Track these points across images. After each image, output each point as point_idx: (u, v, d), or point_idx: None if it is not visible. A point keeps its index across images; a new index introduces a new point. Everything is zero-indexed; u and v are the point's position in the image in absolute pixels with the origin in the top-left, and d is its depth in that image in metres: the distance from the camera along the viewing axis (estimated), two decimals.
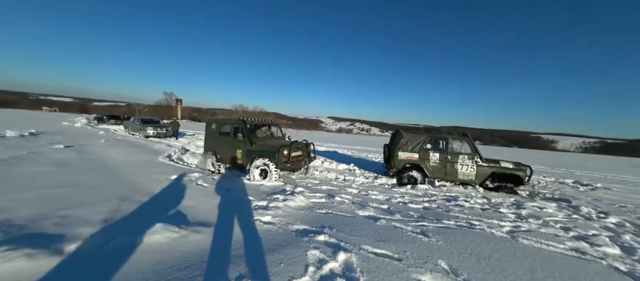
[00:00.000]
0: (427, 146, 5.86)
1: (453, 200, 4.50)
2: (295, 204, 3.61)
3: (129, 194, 3.55)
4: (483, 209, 4.06)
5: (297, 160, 5.42)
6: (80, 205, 3.00)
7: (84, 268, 1.83)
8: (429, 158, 5.73)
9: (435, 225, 3.08)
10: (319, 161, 8.19)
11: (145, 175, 4.84)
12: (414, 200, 4.35)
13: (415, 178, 5.82)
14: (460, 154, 5.53)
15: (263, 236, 2.50)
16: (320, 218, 3.15)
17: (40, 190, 3.45)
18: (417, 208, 3.87)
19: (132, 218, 2.75)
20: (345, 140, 27.77)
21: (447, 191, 5.23)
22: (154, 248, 2.16)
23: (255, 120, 6.24)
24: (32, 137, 9.13)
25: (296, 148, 5.39)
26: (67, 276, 1.74)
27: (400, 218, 3.30)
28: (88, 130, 14.60)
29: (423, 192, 5.03)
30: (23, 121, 16.73)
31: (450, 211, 3.79)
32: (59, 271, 1.77)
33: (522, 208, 4.16)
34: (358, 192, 4.88)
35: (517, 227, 3.28)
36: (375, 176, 6.67)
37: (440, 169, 5.65)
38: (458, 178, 5.52)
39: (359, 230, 2.80)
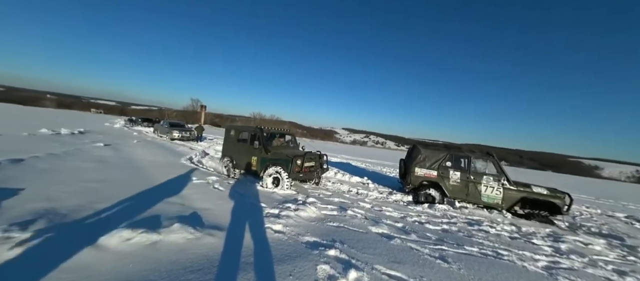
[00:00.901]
0: (447, 164, 5.55)
1: (476, 224, 4.14)
2: (307, 215, 3.58)
3: (154, 193, 3.80)
4: (512, 237, 3.66)
5: (309, 170, 5.41)
6: (111, 200, 3.27)
7: (111, 260, 1.96)
8: (448, 177, 5.41)
9: (456, 251, 2.83)
10: (332, 172, 8.12)
11: (169, 175, 5.18)
12: (431, 221, 4.08)
13: (433, 196, 5.49)
14: (485, 175, 5.13)
15: (273, 246, 2.50)
16: (331, 232, 3.07)
17: (81, 183, 3.85)
18: (435, 230, 3.62)
19: (155, 216, 2.92)
20: (359, 152, 27.38)
21: (469, 213, 4.84)
22: (171, 247, 2.26)
23: (272, 128, 6.39)
24: (80, 135, 10.35)
25: (309, 158, 5.40)
26: (98, 266, 1.87)
27: (417, 239, 3.10)
28: (124, 131, 16.16)
29: (442, 213, 4.70)
30: (75, 121, 19.05)
31: (473, 236, 3.48)
32: (91, 260, 1.92)
33: (561, 242, 3.67)
34: (371, 206, 4.72)
35: (556, 263, 2.89)
36: (389, 191, 6.42)
37: (461, 189, 5.27)
38: (481, 201, 5.09)
39: (371, 247, 2.68)
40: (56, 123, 13.84)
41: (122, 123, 22.58)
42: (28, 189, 3.29)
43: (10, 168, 4.16)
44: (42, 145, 6.87)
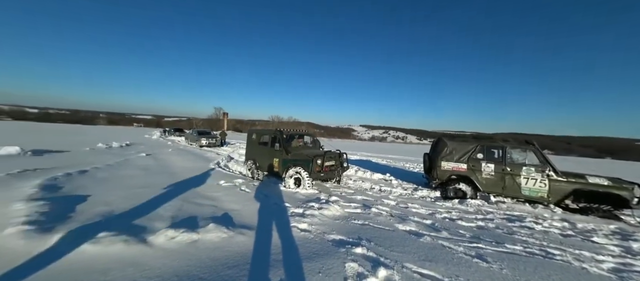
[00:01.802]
0: (478, 156, 5.11)
1: (517, 220, 3.74)
2: (331, 213, 3.61)
3: (188, 196, 4.18)
4: (564, 235, 3.23)
5: (330, 169, 5.46)
6: (155, 203, 3.68)
7: (161, 256, 2.22)
8: (480, 170, 4.97)
9: (496, 249, 2.60)
10: (353, 170, 8.04)
11: (200, 179, 5.64)
12: (464, 217, 3.80)
13: (464, 191, 5.10)
14: (524, 166, 4.61)
15: (300, 244, 2.57)
16: (356, 230, 3.05)
17: (130, 189, 4.40)
18: (468, 227, 3.36)
19: (192, 216, 3.22)
20: (379, 148, 26.59)
21: (507, 209, 4.40)
22: (208, 245, 2.47)
23: (291, 130, 6.52)
24: (127, 147, 11.82)
25: (329, 158, 5.44)
26: (151, 261, 2.13)
27: (449, 237, 2.92)
28: (160, 141, 17.99)
29: (475, 208, 4.35)
30: (122, 135, 21.78)
31: (514, 233, 3.16)
32: (144, 256, 2.19)
33: (633, 241, 3.12)
34: (396, 203, 4.57)
35: (628, 266, 2.46)
36: (414, 187, 6.14)
37: (496, 182, 4.81)
38: (522, 194, 4.58)
39: (399, 245, 2.60)
40: (108, 138, 15.98)
41: (158, 134, 25.15)
42: (93, 195, 3.87)
43: (79, 178, 4.93)
44: (99, 157, 8.00)
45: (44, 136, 15.33)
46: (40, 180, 4.49)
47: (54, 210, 3.10)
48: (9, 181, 4.38)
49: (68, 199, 3.62)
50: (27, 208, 3.04)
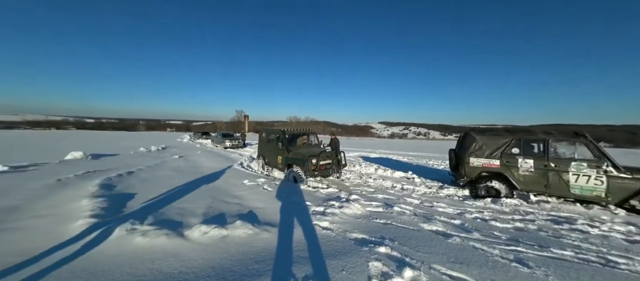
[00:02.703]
0: (513, 150, 4.63)
1: (566, 222, 3.31)
2: (352, 212, 3.60)
3: (216, 194, 4.50)
4: (631, 241, 2.78)
5: (325, 168, 5.64)
6: (189, 201, 4.05)
7: (197, 249, 2.43)
8: (517, 166, 4.50)
9: (539, 253, 2.34)
10: (372, 168, 7.88)
11: (226, 179, 6.03)
12: (498, 218, 3.48)
13: (497, 190, 4.67)
14: (573, 161, 4.05)
15: (322, 242, 2.61)
16: (379, 229, 3.00)
17: (167, 188, 4.89)
18: (504, 228, 3.08)
19: (221, 213, 3.46)
20: (399, 145, 25.57)
21: (552, 209, 3.92)
22: (237, 240, 2.64)
23: (294, 130, 6.93)
24: (162, 150, 13.14)
25: (325, 157, 5.68)
26: (188, 253, 2.36)
27: (481, 238, 2.71)
28: (190, 144, 19.61)
29: (512, 208, 3.96)
30: (158, 139, 24.24)
31: (562, 237, 2.80)
32: (183, 249, 2.43)
33: None
34: (420, 202, 4.37)
35: None
36: (439, 185, 5.80)
37: (536, 180, 4.31)
38: (571, 194, 4.03)
39: (425, 245, 2.49)
40: (147, 142, 17.94)
41: (188, 138, 27.42)
42: (139, 193, 4.40)
43: (127, 179, 5.64)
44: (141, 159, 9.03)
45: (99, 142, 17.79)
46: (98, 180, 5.24)
47: (110, 206, 3.60)
48: (77, 181, 5.21)
49: (120, 196, 4.17)
50: (91, 204, 3.59)
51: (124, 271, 1.99)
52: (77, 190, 4.50)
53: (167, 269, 2.04)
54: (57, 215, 3.28)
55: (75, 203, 3.72)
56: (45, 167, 6.90)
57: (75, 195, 4.18)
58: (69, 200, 3.89)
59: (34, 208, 3.56)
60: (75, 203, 3.69)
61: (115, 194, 4.31)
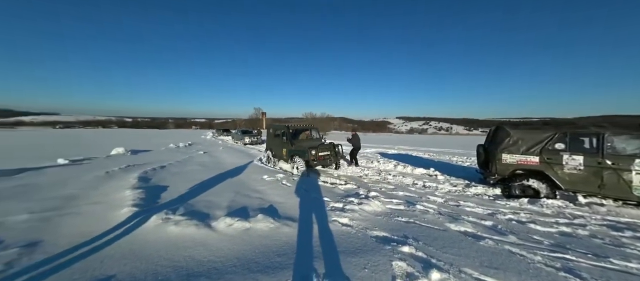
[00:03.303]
0: (557, 146, 4.11)
1: (628, 229, 2.87)
2: (371, 209, 3.53)
3: (239, 189, 4.72)
4: None
5: (324, 158, 6.34)
6: (214, 194, 4.30)
7: (223, 240, 2.58)
8: (561, 163, 4.00)
9: (595, 264, 2.06)
10: (391, 165, 7.63)
11: (247, 174, 6.30)
12: (537, 220, 3.15)
13: (535, 189, 4.23)
14: (637, 157, 3.47)
15: (342, 238, 2.60)
16: (401, 227, 2.90)
17: (195, 182, 5.25)
18: (546, 232, 2.77)
19: (243, 207, 3.63)
20: (419, 141, 24.42)
21: (608, 213, 3.43)
22: (259, 232, 2.74)
23: (297, 126, 7.70)
24: (189, 146, 14.16)
25: (323, 149, 6.39)
26: (215, 242, 2.51)
27: (519, 242, 2.47)
28: (213, 140, 20.84)
29: (555, 211, 3.55)
30: (185, 136, 26.21)
31: (624, 246, 2.43)
32: (210, 239, 2.60)
33: None
34: (444, 201, 4.13)
35: None
36: (466, 183, 5.42)
37: (586, 179, 3.79)
38: (634, 195, 3.47)
39: (453, 247, 2.35)
40: (176, 139, 19.48)
41: (211, 135, 29.17)
42: (170, 186, 4.80)
43: (161, 172, 6.18)
44: (171, 155, 9.83)
45: (136, 139, 19.76)
46: (137, 173, 5.83)
47: (148, 197, 3.98)
48: (121, 174, 5.85)
49: (156, 188, 4.59)
50: (132, 194, 4.00)
51: (162, 256, 2.18)
52: (121, 181, 5.06)
53: (198, 257, 2.20)
54: (107, 202, 3.72)
55: (120, 193, 4.18)
56: (96, 161, 7.87)
57: (119, 186, 4.71)
58: (115, 190, 4.39)
59: (89, 196, 4.08)
60: (120, 193, 4.16)
61: (151, 186, 4.74)
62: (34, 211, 3.29)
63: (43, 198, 3.88)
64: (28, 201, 3.76)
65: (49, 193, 4.21)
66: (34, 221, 2.95)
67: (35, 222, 2.93)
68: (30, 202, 3.72)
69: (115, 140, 17.55)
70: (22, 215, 3.13)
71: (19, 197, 3.93)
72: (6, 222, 2.89)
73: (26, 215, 3.15)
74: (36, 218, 3.07)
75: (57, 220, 3.03)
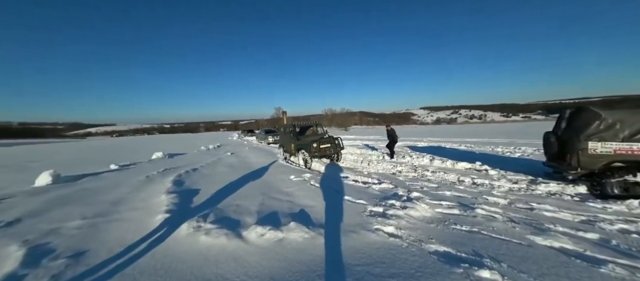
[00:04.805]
0: None
1: None
2: (419, 214, 2.96)
3: (267, 191, 4.52)
4: None
5: (325, 150, 6.97)
6: (242, 197, 4.15)
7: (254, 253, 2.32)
8: None
9: None
10: (427, 159, 6.79)
11: (273, 174, 6.14)
12: None
13: None
14: None
15: (393, 254, 2.12)
16: (464, 239, 2.30)
17: (224, 184, 5.23)
18: None
19: (273, 212, 3.35)
20: (449, 132, 22.21)
21: None
22: (293, 244, 2.40)
23: (303, 123, 9.06)
24: (217, 148, 14.88)
25: (324, 142, 7.05)
26: (247, 256, 2.25)
27: None
28: (239, 141, 21.78)
29: None
30: (214, 139, 27.95)
31: None
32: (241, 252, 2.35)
33: None
34: (508, 203, 3.35)
35: None
36: (530, 180, 4.45)
37: None
38: None
39: (559, 275, 1.69)
40: (206, 142, 20.81)
41: (236, 136, 30.67)
42: (202, 189, 4.83)
43: (193, 175, 6.39)
44: (202, 157, 10.33)
45: (173, 143, 21.69)
46: (172, 176, 6.08)
47: (181, 201, 4.00)
48: (159, 177, 6.18)
49: (188, 192, 4.64)
50: (167, 199, 4.06)
51: (193, 273, 1.99)
52: (159, 185, 5.29)
53: (230, 275, 1.94)
54: (145, 208, 3.81)
55: (157, 198, 4.30)
56: (140, 165, 8.59)
57: (157, 190, 4.89)
58: (154, 194, 4.55)
59: (131, 200, 4.27)
60: (157, 198, 4.27)
61: (185, 190, 4.83)
62: (86, 216, 3.49)
63: (95, 202, 4.17)
64: (84, 205, 4.05)
65: (101, 197, 4.53)
66: (85, 228, 3.08)
67: (85, 229, 3.06)
68: (85, 205, 4.01)
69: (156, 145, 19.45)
70: (76, 221, 3.32)
71: (77, 202, 4.28)
72: (62, 229, 3.07)
73: (79, 220, 3.34)
74: (87, 224, 3.21)
75: (104, 226, 3.13)
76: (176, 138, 33.10)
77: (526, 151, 7.89)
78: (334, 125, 48.41)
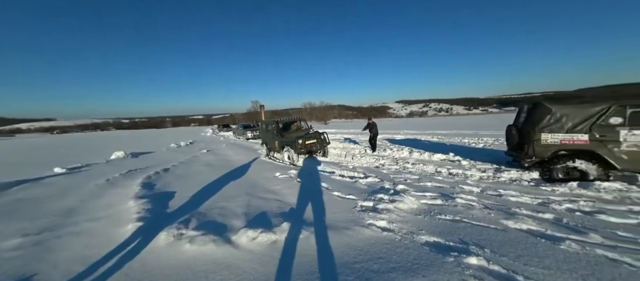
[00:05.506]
0: (613, 120, 3.61)
1: None
2: (407, 206, 3.10)
3: (252, 190, 4.29)
4: None
5: (311, 146, 6.86)
6: (226, 199, 3.87)
7: (247, 259, 2.18)
8: (618, 140, 3.52)
9: None
10: (407, 152, 7.18)
11: (257, 172, 5.86)
12: (604, 209, 2.73)
13: (583, 171, 3.80)
14: None
15: (389, 248, 2.18)
16: (450, 228, 2.48)
17: (202, 184, 4.82)
18: (627, 225, 2.35)
19: (262, 213, 3.19)
20: (422, 124, 23.85)
21: None
22: (288, 246, 2.31)
23: (286, 119, 8.49)
24: (191, 145, 13.67)
25: (309, 138, 6.88)
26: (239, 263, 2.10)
27: (607, 243, 2.05)
28: (214, 137, 20.32)
29: (617, 196, 3.13)
30: (185, 135, 25.65)
31: None
32: (233, 258, 2.19)
33: None
34: (481, 191, 3.72)
35: None
36: (495, 168, 4.99)
37: None
38: None
39: (532, 255, 1.93)
40: (176, 138, 18.96)
41: (211, 132, 28.58)
42: (177, 192, 4.37)
43: (165, 176, 5.74)
44: (174, 156, 9.37)
45: (136, 141, 19.24)
46: (140, 178, 5.39)
47: (154, 206, 3.55)
48: (122, 180, 5.41)
49: (161, 196, 4.16)
50: (136, 205, 3.57)
51: None
52: (124, 189, 4.64)
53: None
54: (109, 217, 3.31)
55: (123, 204, 3.76)
56: (96, 168, 7.42)
57: (122, 195, 4.28)
58: (118, 201, 3.97)
59: (89, 209, 3.66)
60: (123, 205, 3.74)
61: (157, 193, 4.32)
62: (28, 233, 2.89)
63: (40, 215, 3.48)
64: (23, 219, 3.35)
65: (47, 207, 3.81)
66: (28, 248, 2.55)
67: (28, 249, 2.53)
68: (25, 220, 3.32)
69: (114, 143, 17.07)
70: (13, 240, 2.72)
71: (12, 216, 3.52)
72: None
73: (18, 239, 2.75)
74: (30, 242, 2.66)
75: (54, 243, 2.63)
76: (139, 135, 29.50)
77: (488, 142, 8.88)
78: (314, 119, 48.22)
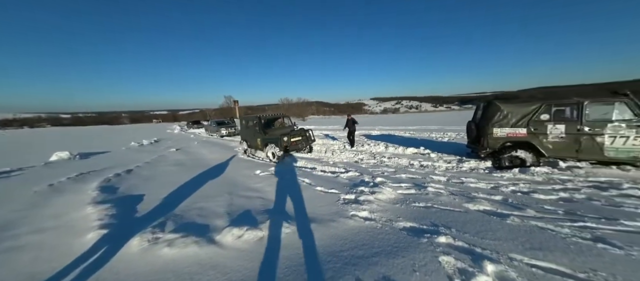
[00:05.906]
0: (542, 117, 4.41)
1: (611, 187, 3.23)
2: (385, 197, 3.36)
3: (232, 189, 4.13)
4: None
5: (296, 143, 6.72)
6: (204, 199, 3.67)
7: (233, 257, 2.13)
8: (546, 133, 4.33)
9: (614, 228, 2.20)
10: (382, 146, 7.66)
11: (236, 170, 5.63)
12: (536, 189, 3.36)
13: (522, 159, 4.58)
14: (609, 122, 3.88)
15: (372, 235, 2.37)
16: (423, 214, 2.79)
17: (175, 185, 4.46)
18: (552, 201, 2.95)
19: (245, 211, 3.13)
20: (394, 121, 25.49)
21: (587, 175, 3.84)
22: (276, 241, 2.34)
23: (269, 115, 8.06)
24: (156, 143, 12.31)
25: (294, 135, 6.76)
26: (227, 261, 2.05)
27: (538, 215, 2.55)
28: (183, 134, 18.62)
29: (545, 177, 3.86)
30: (147, 132, 22.86)
31: (621, 205, 2.69)
32: (219, 258, 2.12)
33: None
34: (447, 179, 4.21)
35: None
36: (458, 159, 5.67)
37: (567, 145, 4.18)
38: (604, 156, 3.94)
39: (486, 230, 2.30)
40: (137, 136, 16.83)
41: (178, 129, 26.07)
42: (147, 194, 3.97)
43: (128, 178, 5.12)
44: (136, 156, 8.36)
45: (83, 139, 16.49)
46: (96, 182, 4.72)
47: (120, 212, 3.18)
48: (72, 185, 4.66)
49: (127, 199, 3.73)
50: (97, 211, 3.15)
51: None
52: (76, 195, 4.02)
53: None
54: (60, 227, 2.86)
55: (79, 211, 3.28)
56: (31, 171, 6.20)
57: (75, 201, 3.71)
58: (69, 209, 3.43)
59: (31, 221, 3.10)
60: (78, 212, 3.26)
61: (121, 197, 3.86)
62: None
63: None
64: None
65: None
66: None
67: None
68: None
69: (54, 143, 14.38)
70: None
71: None
72: None
73: None
74: None
75: None
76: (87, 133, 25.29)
77: (452, 136, 9.97)
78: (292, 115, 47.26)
